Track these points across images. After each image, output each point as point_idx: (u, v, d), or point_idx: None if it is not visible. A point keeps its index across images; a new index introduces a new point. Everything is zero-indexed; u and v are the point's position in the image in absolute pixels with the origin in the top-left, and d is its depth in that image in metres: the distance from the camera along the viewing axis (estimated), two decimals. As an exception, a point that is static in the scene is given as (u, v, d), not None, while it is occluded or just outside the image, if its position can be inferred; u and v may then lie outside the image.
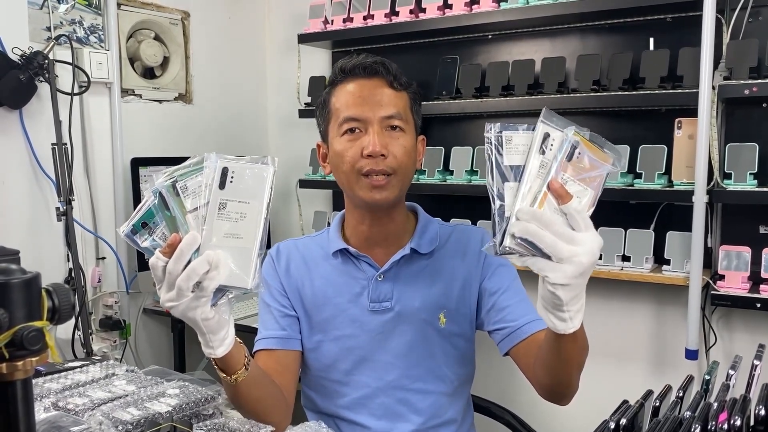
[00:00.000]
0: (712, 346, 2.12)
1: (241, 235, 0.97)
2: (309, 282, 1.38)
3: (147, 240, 1.00)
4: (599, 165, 0.90)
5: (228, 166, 0.98)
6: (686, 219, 2.01)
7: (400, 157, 1.26)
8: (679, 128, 2.08)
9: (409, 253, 1.34)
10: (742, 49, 1.92)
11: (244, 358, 1.12)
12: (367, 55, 1.31)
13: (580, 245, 0.87)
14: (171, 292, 0.97)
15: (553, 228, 0.87)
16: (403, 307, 1.33)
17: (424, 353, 1.34)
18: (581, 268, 0.87)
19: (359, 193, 1.27)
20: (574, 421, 2.24)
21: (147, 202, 0.99)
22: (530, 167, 0.89)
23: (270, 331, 1.35)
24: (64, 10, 2.35)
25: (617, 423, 0.84)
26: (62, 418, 1.13)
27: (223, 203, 0.97)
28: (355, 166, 1.25)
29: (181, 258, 0.95)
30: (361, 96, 1.27)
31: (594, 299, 2.33)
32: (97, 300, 2.49)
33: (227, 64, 2.99)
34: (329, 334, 1.35)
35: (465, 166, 2.43)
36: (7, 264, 0.63)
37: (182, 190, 0.98)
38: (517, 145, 0.91)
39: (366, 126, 1.26)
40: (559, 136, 0.90)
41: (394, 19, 2.51)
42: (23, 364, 0.62)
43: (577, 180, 0.90)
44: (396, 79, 1.29)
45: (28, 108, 2.24)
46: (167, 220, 0.98)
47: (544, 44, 2.42)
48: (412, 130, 1.31)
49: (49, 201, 2.32)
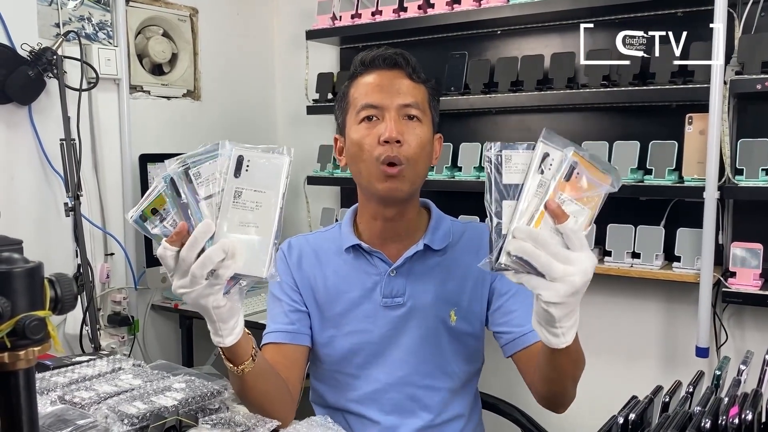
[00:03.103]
0: (723, 344, 2.10)
1: (257, 224, 0.97)
2: (321, 277, 1.38)
3: (157, 227, 0.98)
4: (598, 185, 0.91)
5: (244, 155, 0.97)
6: (697, 215, 1.99)
7: (414, 146, 1.26)
8: (690, 124, 2.06)
9: (422, 249, 1.34)
10: (755, 44, 1.90)
11: (252, 349, 1.12)
12: (387, 48, 1.32)
13: (573, 265, 0.89)
14: (184, 279, 0.96)
15: (548, 248, 0.88)
16: (416, 302, 1.33)
17: (434, 350, 1.34)
18: (574, 287, 0.89)
19: (375, 183, 1.27)
20: (583, 419, 2.22)
21: (157, 188, 0.98)
22: (528, 186, 0.90)
23: (279, 325, 1.35)
24: (73, 7, 2.35)
25: (626, 418, 0.83)
26: (68, 411, 1.13)
27: (238, 192, 0.97)
28: (373, 153, 1.25)
29: (195, 245, 0.94)
30: (380, 84, 1.28)
31: (603, 296, 2.31)
32: (105, 296, 2.50)
33: (235, 60, 2.99)
34: (342, 329, 1.35)
35: (474, 162, 2.42)
36: (10, 253, 0.63)
37: (195, 177, 0.96)
38: (516, 164, 0.92)
39: (383, 113, 1.26)
40: (559, 156, 0.90)
41: (402, 14, 2.51)
42: (25, 353, 0.61)
43: (575, 200, 0.91)
44: (415, 71, 1.30)
45: (37, 104, 2.25)
46: (179, 207, 0.97)
47: (553, 39, 2.40)
48: (429, 123, 1.31)
49: (57, 196, 2.32)
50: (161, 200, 0.97)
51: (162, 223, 0.98)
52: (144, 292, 2.61)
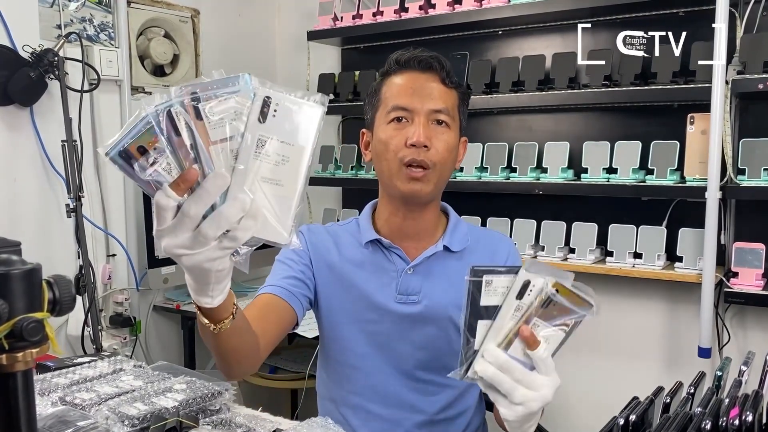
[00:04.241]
0: (726, 344, 2.09)
1: (281, 181, 0.82)
2: (339, 264, 1.38)
3: (148, 170, 0.78)
4: (576, 312, 0.90)
5: (272, 96, 0.81)
6: (699, 215, 1.99)
7: (441, 151, 1.27)
8: (691, 123, 2.05)
9: (441, 249, 1.35)
10: (756, 43, 1.89)
11: (233, 306, 1.03)
12: (423, 50, 1.32)
13: (536, 390, 0.91)
14: (182, 237, 0.80)
15: (513, 374, 0.90)
16: (430, 302, 1.34)
17: (445, 349, 1.34)
18: (531, 411, 0.91)
19: (397, 183, 1.29)
20: (584, 419, 2.22)
21: (143, 120, 0.78)
22: (505, 308, 0.91)
23: (282, 281, 1.32)
24: (74, 8, 2.36)
25: (626, 419, 0.82)
26: (69, 412, 1.13)
27: (262, 140, 0.80)
28: (398, 154, 1.27)
29: (205, 199, 0.79)
30: (413, 87, 1.29)
31: (605, 297, 2.31)
32: (107, 297, 2.50)
33: (237, 61, 2.99)
34: (351, 317, 1.36)
35: (475, 163, 2.42)
36: (8, 255, 0.63)
37: (206, 115, 0.78)
38: (496, 287, 0.92)
39: (413, 116, 1.27)
40: (540, 284, 0.90)
41: (403, 15, 2.51)
42: (23, 355, 0.61)
43: (550, 324, 0.91)
44: (448, 76, 1.31)
45: (39, 105, 2.26)
46: (176, 148, 0.78)
47: (554, 39, 2.40)
48: (456, 128, 1.32)
49: (59, 198, 2.33)
50: (149, 137, 0.77)
51: (154, 166, 0.78)
52: (146, 293, 2.61)
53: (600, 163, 2.19)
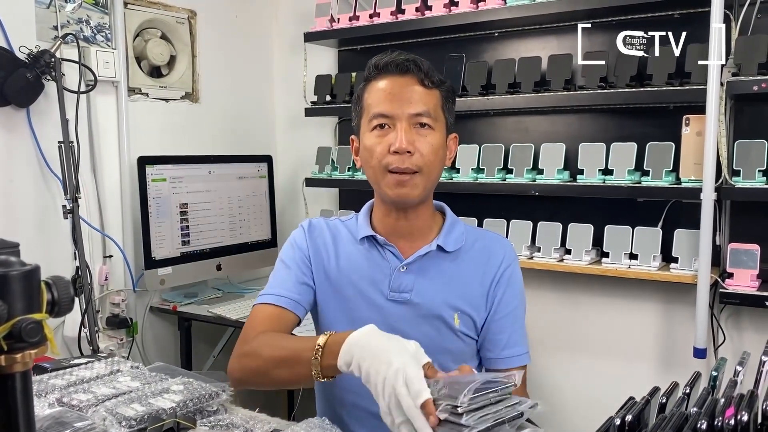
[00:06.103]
0: (721, 345, 2.10)
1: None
2: (335, 261, 1.40)
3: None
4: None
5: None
6: (694, 216, 2.00)
7: (426, 154, 1.28)
8: (687, 125, 2.06)
9: (435, 249, 1.36)
10: (751, 45, 1.90)
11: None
12: (400, 53, 1.33)
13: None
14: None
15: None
16: (422, 300, 1.35)
17: (438, 348, 1.34)
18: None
19: (385, 189, 1.31)
20: (580, 420, 2.23)
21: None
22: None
23: (286, 291, 1.35)
24: (71, 9, 2.35)
25: (623, 419, 0.83)
26: (66, 413, 1.13)
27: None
28: (381, 161, 1.28)
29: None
30: (392, 93, 1.29)
31: (601, 297, 2.32)
32: (104, 298, 2.50)
33: (234, 62, 2.99)
34: (347, 314, 1.37)
35: (472, 164, 2.42)
36: (7, 256, 0.63)
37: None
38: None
39: (394, 122, 1.28)
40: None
41: (400, 17, 2.51)
42: (22, 356, 0.61)
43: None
44: (427, 76, 1.31)
45: (36, 106, 2.25)
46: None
47: (550, 41, 2.41)
48: (442, 128, 1.32)
49: (56, 199, 2.32)
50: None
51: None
52: (142, 294, 2.61)
53: (596, 165, 2.19)
